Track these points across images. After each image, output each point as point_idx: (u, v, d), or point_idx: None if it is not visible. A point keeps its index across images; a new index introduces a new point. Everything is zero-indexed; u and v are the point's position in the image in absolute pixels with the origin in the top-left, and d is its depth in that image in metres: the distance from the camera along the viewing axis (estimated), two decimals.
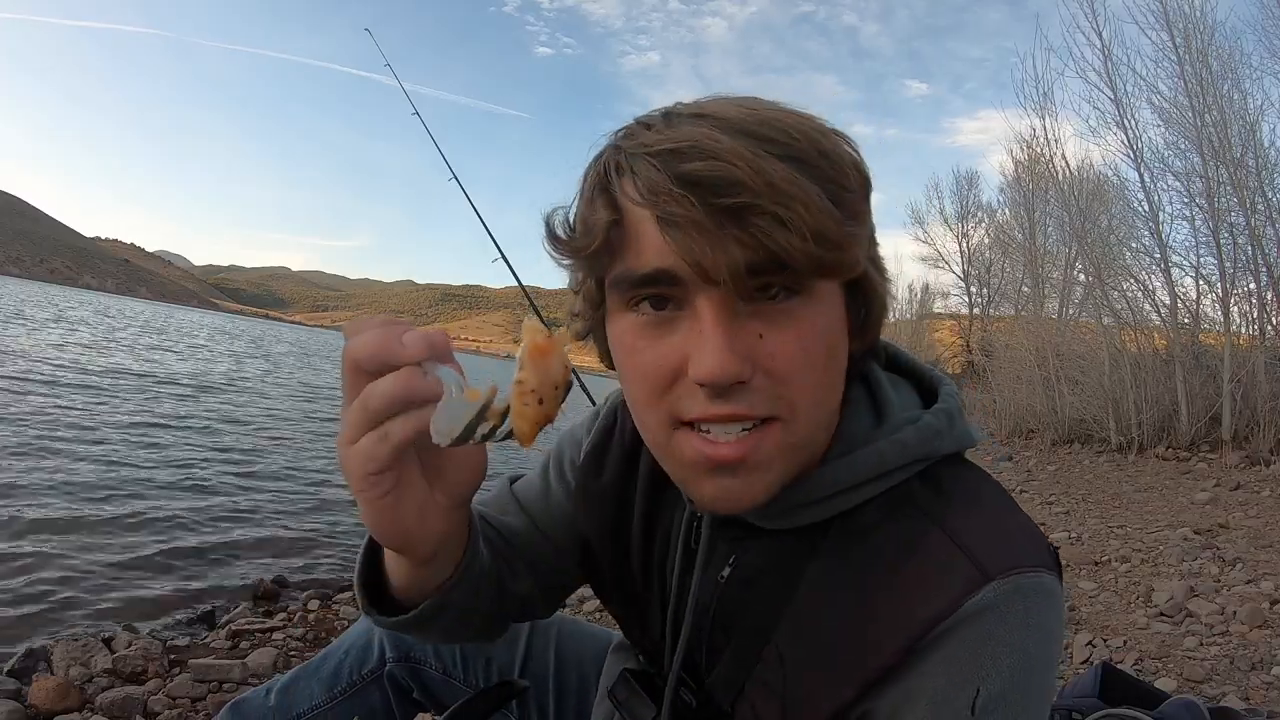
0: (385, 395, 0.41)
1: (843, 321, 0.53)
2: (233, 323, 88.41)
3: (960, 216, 19.57)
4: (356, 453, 0.43)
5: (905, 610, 0.49)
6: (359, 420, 0.43)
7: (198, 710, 1.94)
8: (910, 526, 0.52)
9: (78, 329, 18.75)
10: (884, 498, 0.54)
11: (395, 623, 0.58)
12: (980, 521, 0.52)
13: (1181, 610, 2.71)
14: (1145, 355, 7.58)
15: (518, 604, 0.72)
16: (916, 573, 0.50)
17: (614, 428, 0.73)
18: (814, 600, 0.54)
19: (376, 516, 0.47)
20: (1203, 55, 6.83)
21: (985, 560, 0.49)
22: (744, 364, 0.46)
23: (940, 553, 0.50)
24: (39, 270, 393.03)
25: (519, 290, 2.53)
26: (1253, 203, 6.56)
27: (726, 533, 0.61)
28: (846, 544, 0.54)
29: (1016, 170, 11.83)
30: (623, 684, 0.68)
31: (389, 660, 0.87)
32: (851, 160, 0.49)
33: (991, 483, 0.56)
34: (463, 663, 0.88)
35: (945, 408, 0.57)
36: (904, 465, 0.54)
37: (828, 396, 0.52)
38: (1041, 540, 0.53)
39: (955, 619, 0.48)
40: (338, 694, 0.85)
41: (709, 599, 0.61)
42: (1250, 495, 4.84)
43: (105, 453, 4.92)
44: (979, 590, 0.48)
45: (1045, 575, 0.50)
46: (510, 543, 0.72)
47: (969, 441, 0.58)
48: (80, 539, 3.22)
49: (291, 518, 4.23)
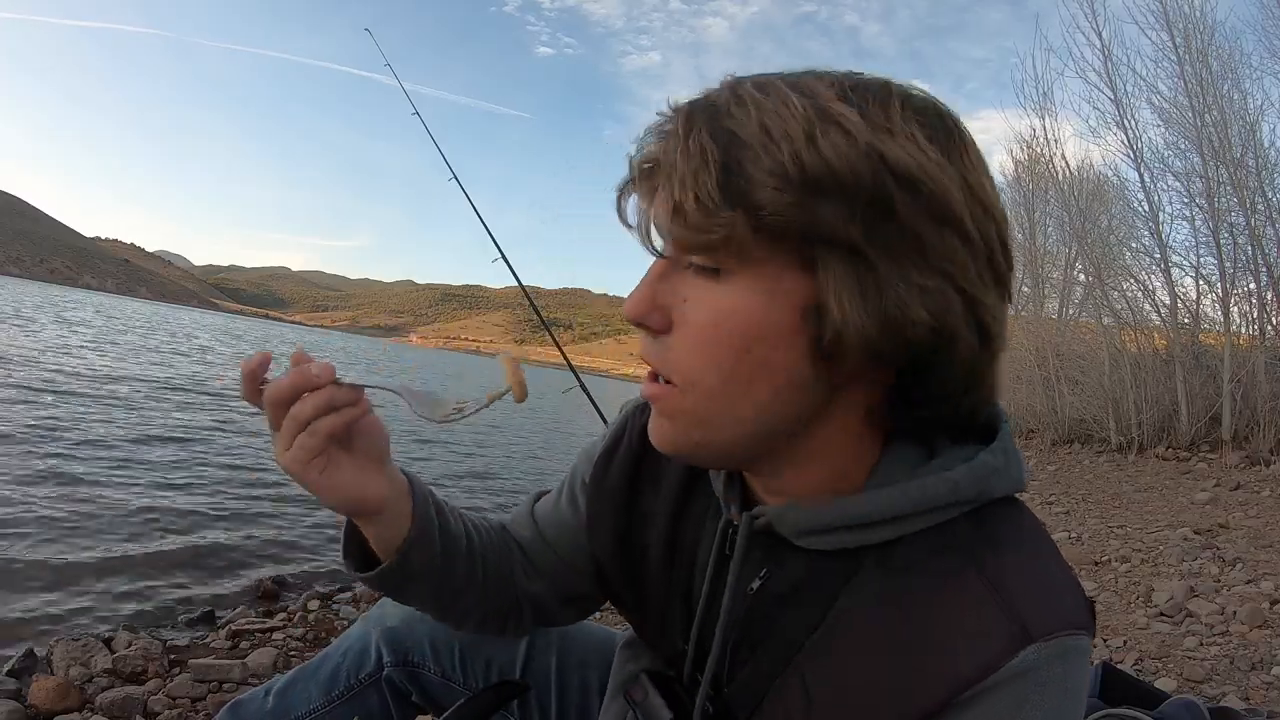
0: (315, 406, 0.55)
1: (783, 329, 0.46)
2: (234, 323, 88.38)
3: None
4: (294, 451, 0.56)
5: (941, 666, 0.47)
6: (290, 429, 0.56)
7: (198, 710, 1.94)
8: (953, 572, 0.49)
9: (77, 329, 18.75)
10: (928, 536, 0.51)
11: (368, 578, 0.66)
12: (1028, 575, 0.49)
13: (1181, 610, 2.72)
14: (1145, 355, 7.59)
15: (530, 602, 0.77)
16: (957, 625, 0.47)
17: (624, 432, 0.74)
18: (845, 634, 0.52)
19: (325, 491, 0.58)
20: (1203, 55, 6.83)
21: (1030, 619, 0.46)
22: (648, 310, 0.50)
23: (983, 606, 0.47)
24: (39, 270, 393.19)
25: (519, 290, 2.53)
26: (1253, 203, 6.57)
27: (762, 543, 0.58)
28: (884, 579, 0.52)
29: (1016, 170, 11.83)
30: (640, 685, 0.67)
31: (387, 664, 0.86)
32: (794, 152, 0.43)
33: (1041, 530, 0.54)
34: (462, 665, 0.88)
35: (1004, 446, 0.53)
36: (953, 504, 0.50)
37: (732, 390, 0.48)
38: (1082, 596, 0.50)
39: (993, 680, 0.45)
40: (335, 697, 0.85)
41: (739, 610, 0.60)
42: (1250, 495, 4.84)
43: (105, 453, 4.91)
44: (1020, 652, 0.45)
45: (1084, 637, 0.48)
46: (525, 549, 0.78)
47: (1021, 484, 0.53)
48: (80, 539, 3.21)
49: (291, 518, 4.22)
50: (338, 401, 0.56)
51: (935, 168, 0.44)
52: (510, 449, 9.91)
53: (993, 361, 0.50)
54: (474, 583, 0.71)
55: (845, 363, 0.46)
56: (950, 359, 0.47)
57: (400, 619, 0.88)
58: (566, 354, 2.54)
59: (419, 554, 0.65)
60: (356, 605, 3.00)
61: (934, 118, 0.46)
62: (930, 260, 0.44)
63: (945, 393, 0.49)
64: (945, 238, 0.44)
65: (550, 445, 11.49)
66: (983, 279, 0.46)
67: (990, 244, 0.47)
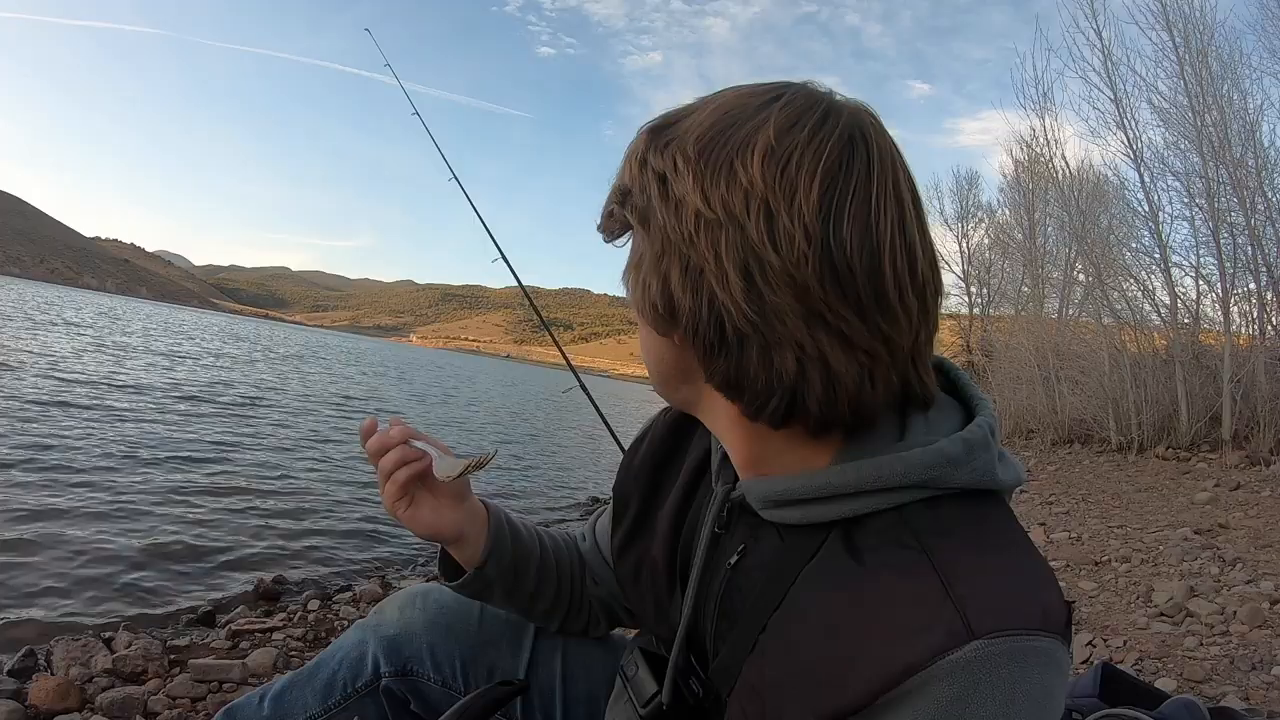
0: (392, 461, 0.74)
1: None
2: (237, 324, 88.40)
3: (960, 217, 19.55)
4: (385, 494, 0.75)
5: (878, 653, 0.46)
6: (381, 478, 0.75)
7: (198, 710, 1.94)
8: (905, 560, 0.49)
9: (84, 332, 18.76)
10: (886, 520, 0.52)
11: (455, 586, 0.83)
12: (983, 570, 0.48)
13: (1181, 610, 2.71)
14: (1145, 355, 7.59)
15: (599, 605, 0.89)
16: (899, 612, 0.47)
17: (650, 429, 0.81)
18: (794, 616, 0.54)
19: (410, 523, 0.77)
20: (1203, 55, 6.83)
21: (974, 613, 0.45)
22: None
23: (927, 595, 0.47)
24: (39, 270, 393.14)
25: (519, 290, 2.53)
26: (1253, 203, 6.57)
27: (744, 521, 0.61)
28: (838, 560, 0.53)
29: (1016, 170, 11.86)
30: (632, 660, 0.71)
31: (385, 674, 0.86)
32: (648, 177, 0.52)
33: (1010, 528, 0.52)
34: (463, 673, 0.87)
35: (967, 437, 0.52)
36: (906, 486, 0.51)
37: (653, 365, 0.59)
38: (1051, 597, 0.48)
39: (929, 674, 0.44)
40: (332, 705, 0.85)
41: (719, 585, 0.62)
42: (1250, 495, 4.84)
43: (106, 454, 4.91)
44: (960, 647, 0.44)
45: (1043, 639, 0.46)
46: (586, 559, 0.90)
47: (989, 480, 0.52)
48: (80, 539, 3.21)
49: (292, 518, 4.23)
50: (408, 458, 0.74)
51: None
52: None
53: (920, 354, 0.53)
54: (547, 589, 0.85)
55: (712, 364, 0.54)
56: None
57: (399, 628, 0.88)
58: (566, 354, 2.54)
59: (493, 567, 0.81)
60: (356, 605, 3.00)
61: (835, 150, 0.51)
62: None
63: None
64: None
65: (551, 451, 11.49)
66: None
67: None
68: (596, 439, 12.15)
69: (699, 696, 0.64)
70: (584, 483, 7.81)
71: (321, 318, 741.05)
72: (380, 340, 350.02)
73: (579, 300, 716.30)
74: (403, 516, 0.76)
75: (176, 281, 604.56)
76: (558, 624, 0.88)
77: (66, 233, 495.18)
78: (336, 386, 15.16)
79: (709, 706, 0.63)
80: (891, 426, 0.55)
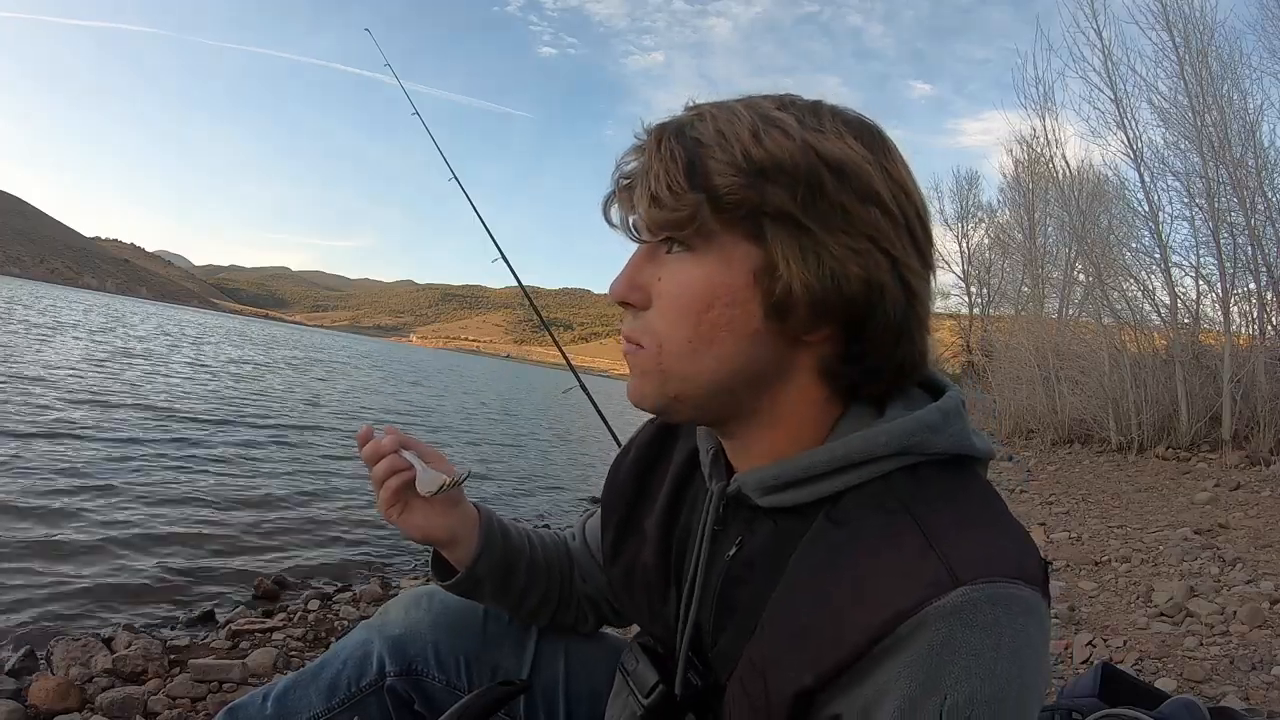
0: (382, 470, 0.78)
1: (739, 289, 0.55)
2: (239, 324, 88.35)
3: (960, 217, 19.56)
4: (378, 499, 0.79)
5: (868, 606, 0.49)
6: (374, 484, 0.79)
7: (198, 710, 1.94)
8: (889, 522, 0.52)
9: (80, 328, 18.74)
10: (870, 489, 0.55)
11: (447, 585, 0.85)
12: (961, 524, 0.51)
13: (1181, 610, 2.71)
14: (1145, 355, 7.59)
15: (588, 601, 0.91)
16: (886, 567, 0.50)
17: (636, 437, 0.84)
18: (791, 584, 0.56)
19: (402, 527, 0.80)
20: (1203, 55, 6.83)
21: (957, 563, 0.48)
22: (629, 290, 0.59)
23: (912, 550, 0.50)
24: (39, 270, 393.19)
25: (519, 290, 2.53)
26: (1253, 203, 6.57)
27: (741, 515, 0.64)
28: (828, 529, 0.56)
29: (1016, 170, 11.85)
30: (631, 654, 0.73)
31: (389, 674, 0.86)
32: (744, 148, 0.53)
33: (988, 493, 0.56)
34: (467, 672, 0.88)
35: (942, 406, 0.58)
36: (891, 455, 0.55)
37: (697, 345, 0.57)
38: (1029, 554, 0.52)
39: (918, 620, 0.47)
40: (336, 705, 0.85)
41: (716, 579, 0.64)
42: (1250, 495, 4.84)
43: (106, 455, 4.91)
44: (946, 593, 0.47)
45: (1025, 589, 0.49)
46: (574, 557, 0.91)
47: (966, 445, 0.57)
48: (80, 538, 3.21)
49: (292, 519, 4.23)
50: (397, 467, 0.77)
51: (858, 157, 0.54)
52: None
53: (919, 323, 0.57)
54: (535, 586, 0.87)
55: (794, 316, 0.55)
56: (881, 311, 0.55)
57: (404, 628, 0.88)
58: (566, 354, 2.54)
59: (483, 566, 0.83)
60: (357, 605, 2.99)
61: (859, 124, 0.57)
62: (857, 228, 0.53)
63: (880, 343, 0.56)
64: (869, 211, 0.54)
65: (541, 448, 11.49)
66: (903, 244, 0.55)
67: (909, 218, 0.56)
68: (596, 439, 12.15)
69: (698, 687, 0.66)
70: (584, 482, 7.81)
71: (321, 318, 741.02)
72: (380, 340, 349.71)
73: (579, 300, 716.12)
74: (396, 521, 0.79)
75: (176, 281, 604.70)
76: (546, 620, 0.89)
77: (66, 233, 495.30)
78: (376, 399, 14.78)
79: (708, 698, 0.65)
80: (872, 405, 0.60)
